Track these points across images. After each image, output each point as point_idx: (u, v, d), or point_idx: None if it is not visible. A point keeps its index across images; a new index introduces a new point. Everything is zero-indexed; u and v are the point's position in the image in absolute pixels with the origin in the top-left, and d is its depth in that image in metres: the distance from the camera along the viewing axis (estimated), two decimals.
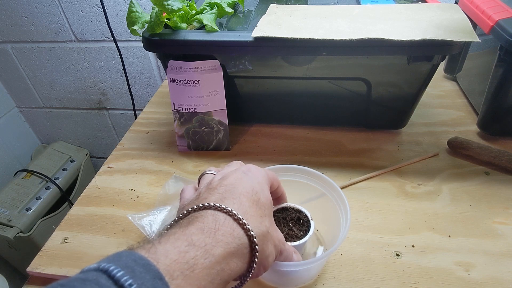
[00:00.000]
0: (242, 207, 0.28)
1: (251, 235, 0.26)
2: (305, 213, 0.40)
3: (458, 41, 0.44)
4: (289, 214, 0.40)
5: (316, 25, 0.48)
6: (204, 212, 0.27)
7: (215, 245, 0.24)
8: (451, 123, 0.63)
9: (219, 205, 0.27)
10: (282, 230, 0.38)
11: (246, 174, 0.31)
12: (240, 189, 0.29)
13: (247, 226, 0.26)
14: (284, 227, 0.39)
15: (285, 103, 0.62)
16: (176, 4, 0.48)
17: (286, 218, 0.40)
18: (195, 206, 0.27)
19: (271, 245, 0.29)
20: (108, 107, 1.19)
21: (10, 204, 1.03)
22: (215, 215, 0.26)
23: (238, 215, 0.27)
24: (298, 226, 0.39)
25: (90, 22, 0.98)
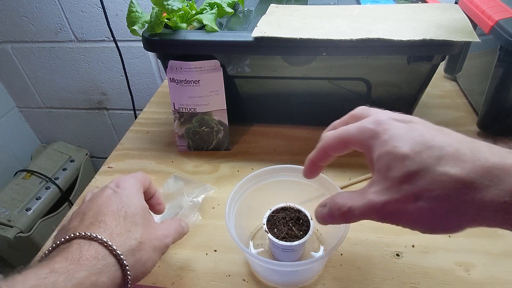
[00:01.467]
0: (107, 229, 0.31)
1: (117, 254, 0.29)
2: (304, 213, 0.40)
3: (458, 41, 0.44)
4: (289, 214, 0.40)
5: (316, 25, 0.48)
6: (70, 243, 0.29)
7: (78, 270, 0.27)
8: (451, 123, 0.63)
9: (84, 233, 0.29)
10: (282, 229, 0.38)
11: (114, 191, 0.34)
12: (106, 210, 0.32)
13: (112, 247, 0.29)
14: (284, 226, 0.39)
15: (285, 103, 0.62)
16: (176, 4, 0.48)
17: (286, 218, 0.40)
18: (63, 239, 0.30)
19: (147, 251, 0.32)
20: (108, 107, 1.19)
21: (10, 204, 1.03)
22: (79, 243, 0.29)
23: (103, 239, 0.29)
24: (297, 226, 0.39)
25: (90, 22, 0.98)
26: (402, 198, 0.24)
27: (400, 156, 0.24)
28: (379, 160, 0.26)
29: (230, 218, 0.39)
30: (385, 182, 0.25)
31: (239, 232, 0.40)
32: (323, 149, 0.32)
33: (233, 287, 0.40)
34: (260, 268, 0.41)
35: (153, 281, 0.41)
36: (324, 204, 0.30)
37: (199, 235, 0.46)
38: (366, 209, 0.26)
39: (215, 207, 0.50)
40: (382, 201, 0.25)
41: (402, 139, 0.25)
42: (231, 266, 0.42)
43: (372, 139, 0.27)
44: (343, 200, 0.28)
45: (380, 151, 0.26)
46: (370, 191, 0.26)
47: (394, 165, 0.24)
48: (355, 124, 0.29)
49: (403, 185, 0.24)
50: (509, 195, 0.21)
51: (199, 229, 0.47)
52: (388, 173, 0.25)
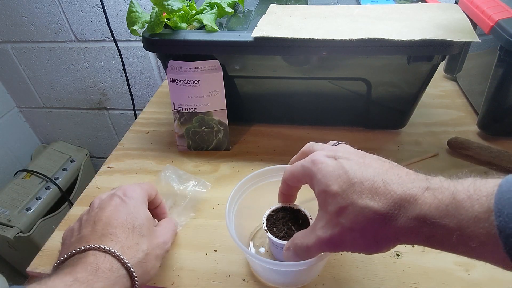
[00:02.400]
0: (119, 242, 0.33)
1: (128, 267, 0.32)
2: (304, 213, 0.39)
3: (458, 41, 0.44)
4: (288, 213, 0.40)
5: (316, 25, 0.48)
6: (86, 253, 0.32)
7: (96, 281, 0.30)
8: (451, 123, 0.63)
9: (98, 246, 0.32)
10: (281, 229, 0.38)
11: (122, 201, 0.37)
12: (115, 223, 0.34)
13: (123, 260, 0.32)
14: (283, 226, 0.39)
15: (285, 103, 0.62)
16: (176, 4, 0.48)
17: (285, 217, 0.40)
18: (78, 249, 0.32)
19: (152, 261, 0.35)
20: (108, 107, 1.19)
21: (10, 204, 1.03)
22: (95, 255, 0.32)
23: (115, 252, 0.32)
24: (297, 225, 0.39)
25: (90, 22, 0.98)
26: (341, 231, 0.28)
27: (331, 194, 0.28)
28: (319, 196, 0.30)
29: (230, 218, 0.39)
30: (326, 217, 0.29)
31: (239, 232, 0.40)
32: (284, 181, 0.37)
33: (233, 287, 0.40)
34: (260, 268, 0.41)
35: (153, 281, 0.41)
36: (288, 248, 0.33)
37: (199, 235, 0.46)
38: (318, 244, 0.30)
39: (215, 207, 0.50)
40: (328, 236, 0.29)
41: (332, 178, 0.29)
42: (231, 266, 0.42)
43: (310, 178, 0.31)
44: (300, 241, 0.32)
45: (318, 189, 0.30)
46: (318, 227, 0.30)
47: (330, 202, 0.29)
48: (300, 162, 0.33)
49: (339, 218, 0.28)
50: (413, 221, 0.25)
51: (199, 229, 0.47)
52: (327, 208, 0.29)
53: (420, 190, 0.26)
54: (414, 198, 0.25)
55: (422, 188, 0.26)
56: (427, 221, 0.24)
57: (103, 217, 0.35)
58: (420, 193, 0.25)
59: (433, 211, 0.24)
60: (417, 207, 0.25)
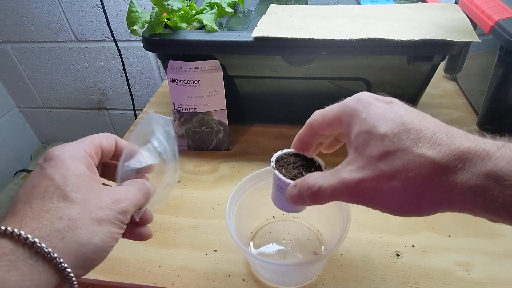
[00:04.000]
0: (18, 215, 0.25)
1: (30, 242, 0.23)
2: (319, 163, 0.35)
3: (458, 41, 0.44)
4: (300, 160, 0.35)
5: (316, 25, 0.48)
6: None
7: None
8: (451, 123, 0.63)
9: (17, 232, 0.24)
10: (291, 172, 0.33)
11: (40, 167, 0.27)
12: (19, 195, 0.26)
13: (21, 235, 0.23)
14: (293, 170, 0.34)
15: (285, 103, 0.62)
16: (176, 4, 0.48)
17: (297, 163, 0.35)
18: None
19: (87, 226, 0.26)
20: (108, 107, 1.19)
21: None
22: None
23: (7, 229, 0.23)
24: (308, 172, 0.33)
25: (90, 22, 0.99)
26: (377, 176, 0.24)
27: (378, 135, 0.25)
28: (357, 137, 0.26)
29: (230, 218, 0.39)
30: (361, 160, 0.25)
31: (239, 232, 0.40)
32: (309, 124, 0.33)
33: (233, 287, 0.40)
34: (260, 268, 0.41)
35: (153, 281, 0.41)
36: (295, 184, 0.30)
37: (199, 235, 0.46)
38: (339, 188, 0.26)
39: (215, 207, 0.50)
40: (357, 179, 0.25)
41: (381, 119, 0.25)
42: (231, 266, 0.42)
43: (351, 116, 0.27)
44: (313, 180, 0.28)
45: (359, 129, 0.26)
46: (345, 170, 0.26)
47: (372, 144, 0.25)
48: (338, 103, 0.30)
49: (379, 163, 0.24)
50: (480, 178, 0.21)
51: (199, 229, 0.47)
52: (365, 151, 0.25)
53: (495, 147, 0.22)
54: (487, 153, 0.22)
55: (497, 145, 0.22)
56: (500, 179, 0.21)
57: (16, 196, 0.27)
58: (495, 149, 0.22)
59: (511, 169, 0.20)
60: (489, 162, 0.21)
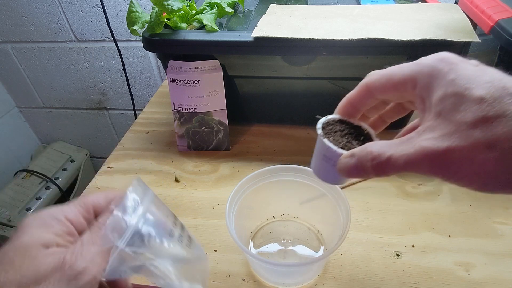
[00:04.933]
0: None
1: None
2: (367, 131, 0.32)
3: (458, 41, 0.44)
4: (347, 127, 0.32)
5: (316, 25, 0.48)
6: None
7: None
8: None
9: None
10: (339, 140, 0.30)
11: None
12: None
13: None
14: (341, 138, 0.30)
15: (285, 103, 0.62)
16: (176, 4, 0.48)
17: (344, 130, 0.31)
18: None
19: None
20: (108, 107, 1.19)
21: (10, 204, 1.03)
22: None
23: None
24: (358, 141, 0.30)
25: (90, 22, 0.98)
26: (470, 145, 0.20)
27: (473, 99, 0.21)
28: (442, 101, 0.22)
29: (230, 218, 0.39)
30: (448, 126, 0.22)
31: (239, 232, 0.40)
32: (366, 86, 0.28)
33: (233, 287, 0.40)
34: (260, 268, 0.41)
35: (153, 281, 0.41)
36: (352, 154, 0.26)
37: (199, 235, 0.46)
38: (416, 157, 0.22)
39: (215, 207, 0.50)
40: (443, 148, 0.21)
41: (474, 81, 0.22)
42: (231, 266, 0.42)
43: (432, 77, 0.24)
44: (379, 149, 0.24)
45: (446, 91, 0.22)
46: (424, 137, 0.22)
47: (465, 109, 0.21)
48: (410, 63, 0.26)
49: (473, 130, 0.21)
50: None
51: (199, 229, 0.47)
52: (454, 116, 0.21)
53: None
54: None
55: None
56: None
57: None
58: None
59: None
60: None
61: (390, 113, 0.32)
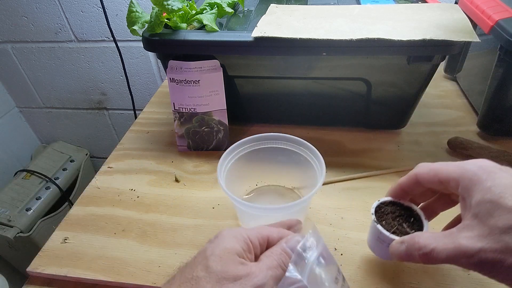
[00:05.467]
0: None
1: None
2: (417, 212, 0.35)
3: (458, 41, 0.44)
4: (398, 209, 0.36)
5: (316, 25, 0.48)
6: None
7: None
8: (451, 123, 0.63)
9: None
10: (392, 224, 0.35)
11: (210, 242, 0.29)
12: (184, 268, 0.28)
13: None
14: (393, 221, 0.35)
15: (285, 103, 0.62)
16: (176, 4, 0.48)
17: (395, 212, 0.36)
18: None
19: None
20: (108, 107, 1.19)
21: (10, 204, 1.03)
22: None
23: None
24: (408, 224, 0.34)
25: (90, 22, 0.99)
26: (501, 249, 0.24)
27: (506, 207, 0.25)
28: (479, 205, 0.26)
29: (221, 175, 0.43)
30: (483, 229, 0.25)
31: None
32: (415, 175, 0.33)
33: None
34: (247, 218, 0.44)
35: (153, 281, 0.41)
36: (402, 241, 0.30)
37: (199, 235, 0.46)
38: (456, 253, 0.26)
39: (215, 207, 0.50)
40: (477, 248, 0.25)
41: (508, 191, 0.25)
42: None
43: (472, 182, 0.27)
44: (425, 241, 0.28)
45: (483, 197, 0.26)
46: (462, 235, 0.26)
47: (498, 215, 0.25)
48: (454, 163, 0.30)
49: (504, 235, 0.24)
50: None
51: (199, 229, 0.47)
52: (489, 220, 0.25)
53: None
54: None
55: None
56: None
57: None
58: None
59: None
60: None
61: (440, 205, 0.36)
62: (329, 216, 0.47)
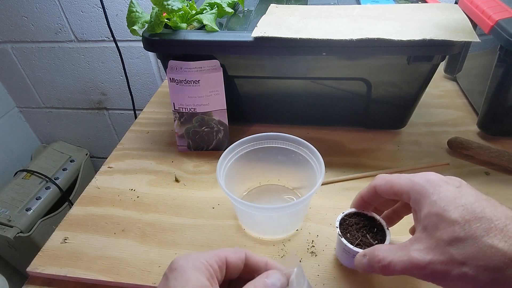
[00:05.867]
0: None
1: None
2: (379, 222, 0.37)
3: (458, 41, 0.44)
4: (362, 220, 0.38)
5: (316, 25, 0.48)
6: None
7: None
8: (451, 123, 0.63)
9: None
10: (356, 236, 0.37)
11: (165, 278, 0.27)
12: None
13: None
14: (357, 232, 0.37)
15: (285, 103, 0.62)
16: (176, 4, 0.48)
17: (359, 224, 0.38)
18: None
19: None
20: (108, 107, 1.19)
21: (10, 204, 1.03)
22: None
23: None
24: (372, 234, 0.37)
25: (90, 22, 0.98)
26: (447, 260, 0.25)
27: (449, 220, 0.26)
28: (426, 218, 0.27)
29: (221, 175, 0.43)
30: (430, 241, 0.26)
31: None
32: (373, 187, 0.34)
33: None
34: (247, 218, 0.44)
35: (153, 281, 0.41)
36: (364, 254, 0.31)
37: (199, 235, 0.46)
38: (409, 266, 0.27)
39: (215, 207, 0.50)
40: (426, 261, 0.26)
41: (451, 204, 0.27)
42: None
43: (420, 195, 0.29)
44: (383, 253, 0.29)
45: (429, 210, 0.27)
46: (413, 248, 0.27)
47: (443, 227, 0.26)
48: (406, 175, 0.31)
49: (449, 248, 0.25)
50: None
51: (199, 229, 0.47)
52: (435, 233, 0.26)
53: None
54: None
55: None
56: None
57: None
58: None
59: None
60: None
61: (402, 211, 0.37)
62: (329, 216, 0.47)
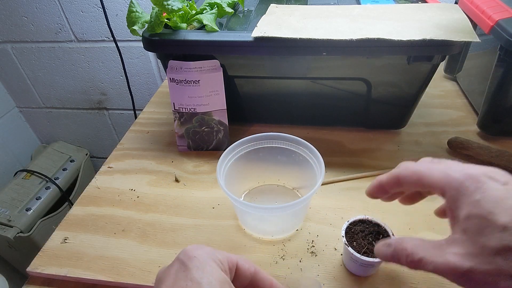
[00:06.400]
0: None
1: None
2: (385, 228, 0.38)
3: (458, 41, 0.44)
4: (367, 227, 0.39)
5: (316, 25, 0.48)
6: None
7: None
8: (451, 123, 0.63)
9: None
10: (362, 244, 0.37)
11: (182, 264, 0.27)
12: None
13: None
14: (363, 240, 0.38)
15: (285, 103, 0.62)
16: (176, 4, 0.48)
17: (364, 231, 0.38)
18: None
19: None
20: (108, 107, 1.19)
21: (10, 204, 1.03)
22: None
23: None
24: (378, 241, 0.36)
25: (90, 22, 0.98)
26: (494, 271, 0.22)
27: (497, 225, 0.23)
28: (468, 220, 0.24)
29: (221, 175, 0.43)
30: (473, 247, 0.24)
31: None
32: (397, 177, 0.30)
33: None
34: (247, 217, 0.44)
35: (153, 281, 0.41)
36: (389, 244, 0.29)
37: (199, 235, 0.46)
38: (443, 268, 0.24)
39: (215, 207, 0.50)
40: (466, 267, 0.23)
41: (499, 206, 0.23)
42: None
43: (459, 192, 0.25)
44: (411, 248, 0.27)
45: (471, 211, 0.24)
46: (451, 250, 0.25)
47: (489, 233, 0.23)
48: (439, 167, 0.27)
49: (496, 257, 0.22)
50: None
51: (199, 229, 0.47)
52: (479, 238, 0.23)
53: None
54: None
55: None
56: None
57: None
58: None
59: None
60: None
61: (419, 197, 0.35)
62: (329, 216, 0.47)
